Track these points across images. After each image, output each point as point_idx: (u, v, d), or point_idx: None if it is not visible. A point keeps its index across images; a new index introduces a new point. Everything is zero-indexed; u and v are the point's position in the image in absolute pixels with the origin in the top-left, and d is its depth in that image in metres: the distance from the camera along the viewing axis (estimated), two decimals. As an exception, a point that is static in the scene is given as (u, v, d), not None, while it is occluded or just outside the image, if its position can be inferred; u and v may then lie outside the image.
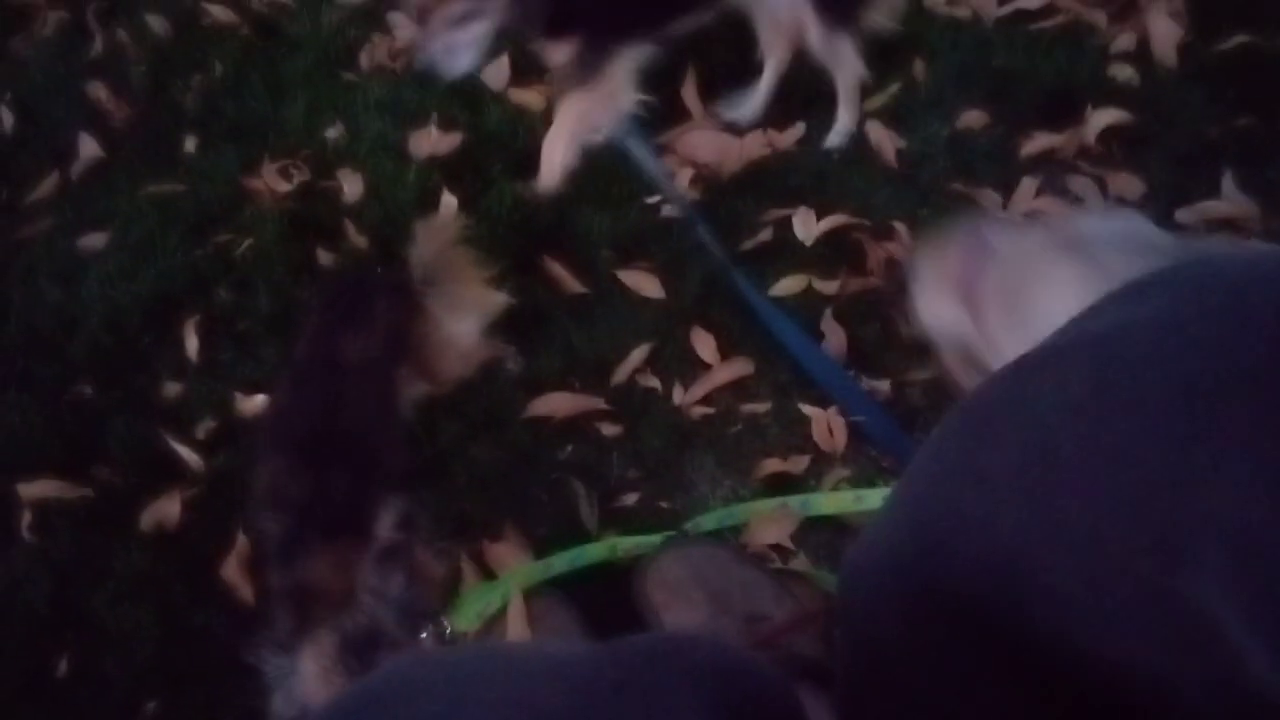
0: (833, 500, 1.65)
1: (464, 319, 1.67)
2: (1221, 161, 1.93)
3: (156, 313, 2.01)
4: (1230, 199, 1.90)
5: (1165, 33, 2.10)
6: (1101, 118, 1.99)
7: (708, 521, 1.66)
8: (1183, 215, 1.88)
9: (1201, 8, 2.14)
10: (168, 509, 1.75)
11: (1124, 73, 2.07)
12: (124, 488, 1.80)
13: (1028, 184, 1.97)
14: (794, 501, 1.65)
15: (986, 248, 1.46)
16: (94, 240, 2.16)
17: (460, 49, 1.73)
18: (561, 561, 1.60)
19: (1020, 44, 2.13)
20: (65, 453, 1.86)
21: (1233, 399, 0.45)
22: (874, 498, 1.62)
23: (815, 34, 1.95)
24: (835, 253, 1.97)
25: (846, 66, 2.02)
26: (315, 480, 1.33)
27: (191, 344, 1.95)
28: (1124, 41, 2.12)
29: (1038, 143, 2.00)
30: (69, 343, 2.01)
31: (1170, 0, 2.14)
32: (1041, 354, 0.55)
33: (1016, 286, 1.41)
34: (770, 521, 1.64)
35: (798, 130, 2.13)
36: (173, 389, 1.92)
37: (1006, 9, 2.19)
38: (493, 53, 2.33)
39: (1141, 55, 2.10)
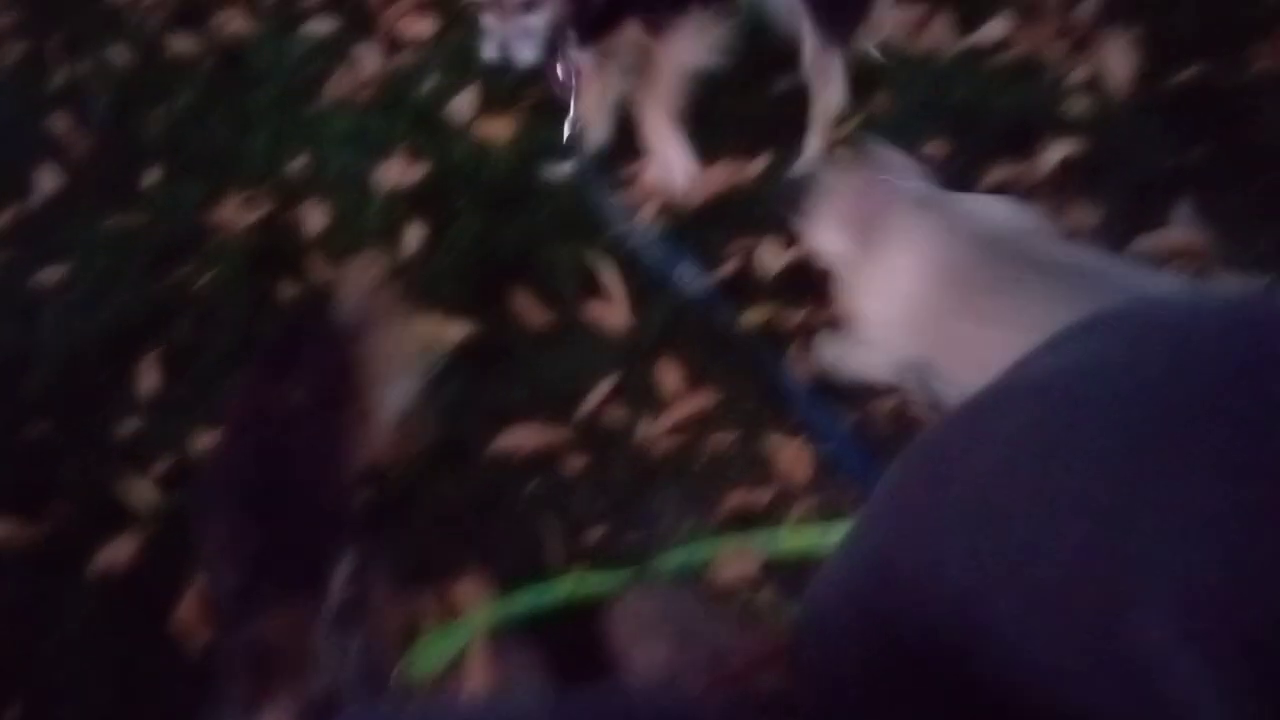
0: (799, 536, 1.64)
1: (400, 370, 1.64)
2: (1177, 191, 1.96)
3: (114, 348, 1.98)
4: (1186, 229, 1.93)
5: (1120, 65, 2.14)
6: (1058, 149, 2.02)
7: (673, 558, 1.65)
8: (1139, 244, 1.90)
9: (1156, 40, 2.18)
10: (121, 551, 1.71)
11: (1080, 104, 2.11)
12: (77, 529, 1.76)
13: (988, 214, 1.99)
14: (760, 538, 1.64)
15: (880, 187, 1.54)
16: (51, 274, 2.13)
17: (525, 37, 1.72)
18: (525, 601, 1.58)
19: (978, 77, 2.16)
20: (17, 493, 1.82)
21: (1174, 442, 0.45)
22: (840, 533, 1.61)
23: (809, 51, 1.97)
24: (800, 284, 1.97)
25: (831, 89, 2.04)
26: (263, 535, 1.30)
27: (149, 380, 1.93)
28: (1080, 74, 2.15)
29: (997, 173, 2.02)
30: (23, 380, 1.98)
31: (1125, 33, 2.18)
32: (989, 397, 0.55)
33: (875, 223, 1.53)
34: (736, 557, 1.63)
35: (762, 161, 2.14)
36: (129, 426, 1.89)
37: (964, 43, 2.22)
38: (460, 84, 2.35)
39: (1097, 87, 2.14)
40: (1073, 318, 1.30)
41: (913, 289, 1.47)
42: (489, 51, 1.74)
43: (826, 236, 1.66)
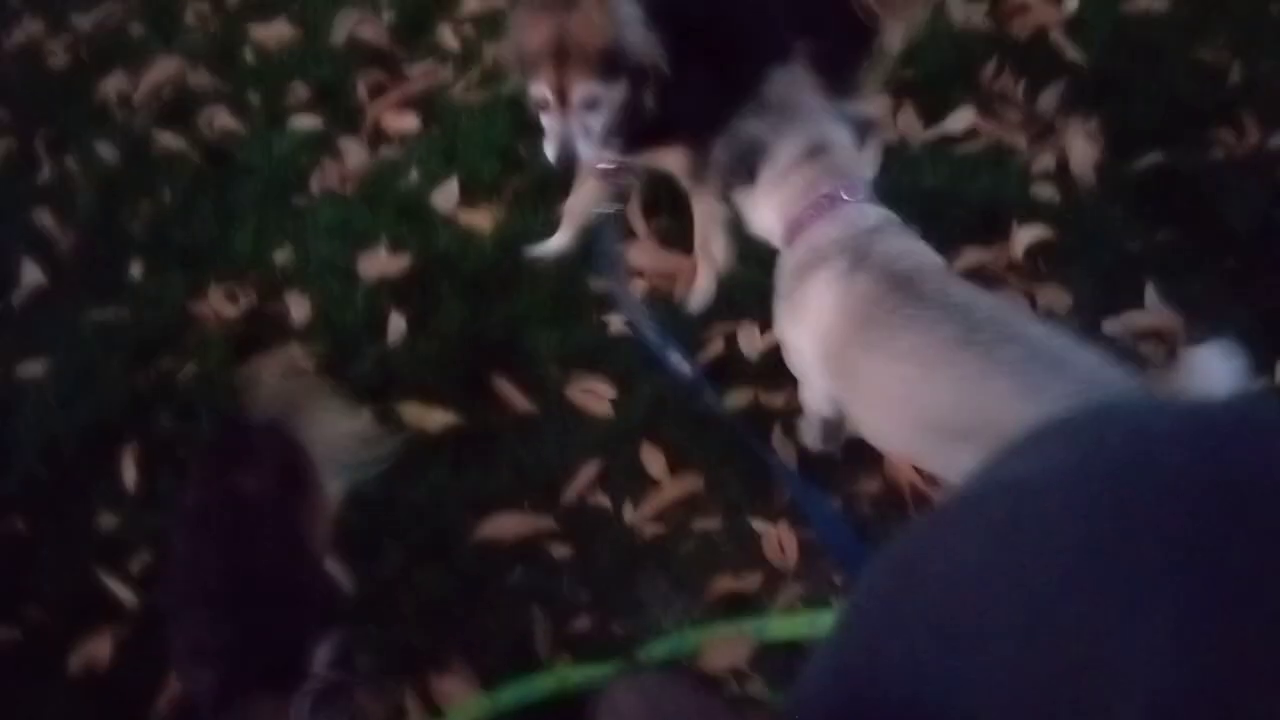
0: (787, 624, 1.63)
1: (341, 456, 1.63)
2: (1143, 274, 2.01)
3: (94, 442, 1.97)
4: (1154, 310, 1.98)
5: (1083, 153, 2.21)
6: (1026, 234, 2.08)
7: (660, 649, 1.63)
8: (1109, 326, 1.94)
9: (1115, 129, 2.26)
10: (99, 649, 1.68)
11: (1046, 191, 2.18)
12: (54, 627, 1.73)
13: (962, 297, 2.04)
14: (748, 626, 1.63)
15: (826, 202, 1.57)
16: (32, 368, 2.13)
17: (585, 135, 1.77)
18: (510, 695, 1.56)
19: (947, 165, 2.23)
20: (-5, 591, 1.79)
21: (1138, 554, 0.46)
22: (828, 620, 1.60)
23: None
24: (781, 367, 1.99)
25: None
26: (235, 628, 1.28)
27: (129, 474, 1.91)
28: (1044, 162, 2.22)
29: (968, 258, 2.07)
30: (3, 475, 1.96)
31: (1086, 122, 2.27)
32: (958, 504, 0.56)
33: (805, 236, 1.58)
34: (725, 646, 1.62)
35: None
36: (108, 521, 1.87)
37: (932, 133, 2.30)
38: (443, 176, 2.40)
39: (1062, 175, 2.21)
40: (951, 353, 1.36)
41: (824, 321, 1.53)
42: (550, 150, 1.76)
43: (762, 214, 1.70)
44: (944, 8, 2.46)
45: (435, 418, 1.96)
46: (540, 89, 1.72)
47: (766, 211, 1.68)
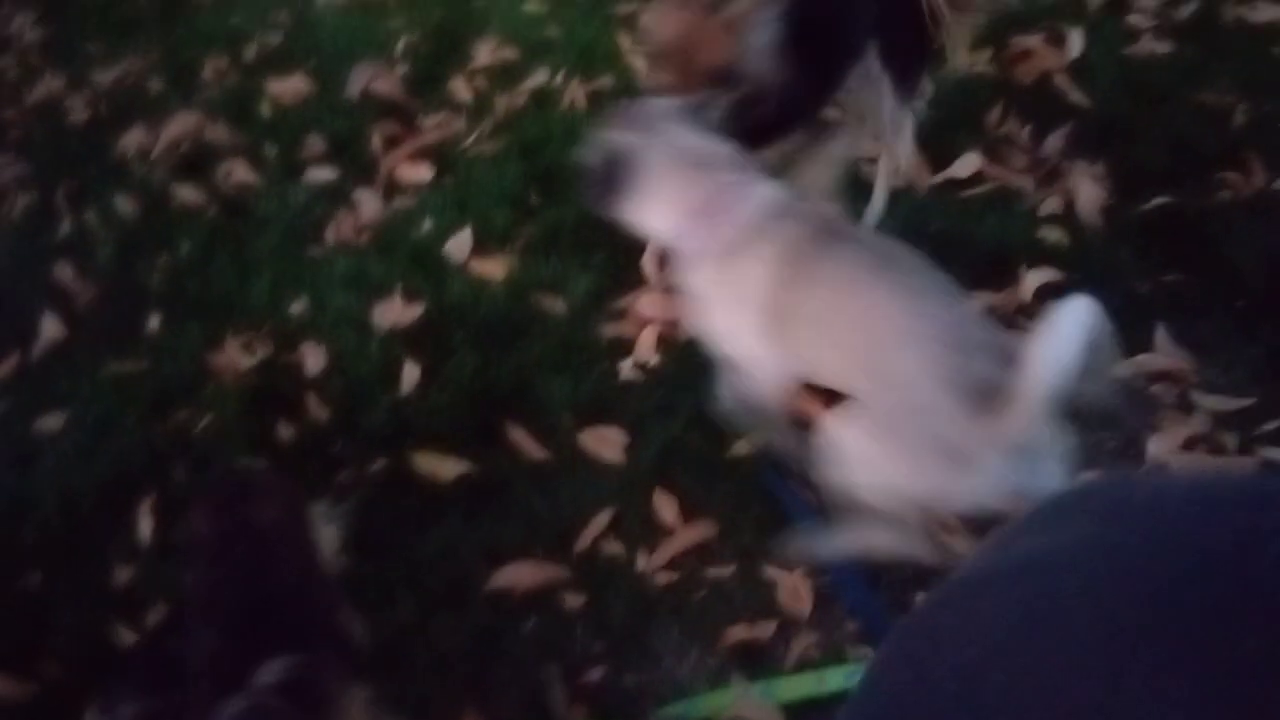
0: (796, 684, 1.61)
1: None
2: (1153, 316, 2.01)
3: (111, 495, 1.99)
4: (1166, 352, 1.97)
5: (1089, 196, 2.23)
6: (1035, 277, 2.08)
7: (674, 710, 1.62)
8: (1121, 369, 1.94)
9: (1121, 172, 2.28)
10: (114, 704, 1.67)
11: (1053, 234, 2.19)
12: (70, 682, 1.73)
13: (972, 341, 2.04)
14: (756, 688, 1.62)
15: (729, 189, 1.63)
16: (51, 422, 2.15)
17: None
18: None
19: (954, 209, 2.24)
20: (11, 647, 1.80)
21: (1157, 635, 0.46)
22: (837, 677, 1.59)
23: (887, 110, 2.05)
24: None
25: (903, 141, 2.13)
26: (257, 649, 1.29)
27: (145, 526, 1.93)
28: (1051, 205, 2.24)
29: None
30: (20, 529, 1.98)
31: (1091, 165, 2.29)
32: (970, 581, 0.56)
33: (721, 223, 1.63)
34: (740, 708, 1.60)
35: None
36: (124, 574, 1.88)
37: (939, 177, 2.32)
38: (456, 226, 2.43)
39: (1069, 217, 2.22)
40: (875, 276, 1.48)
41: (760, 284, 1.59)
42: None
43: (655, 218, 1.71)
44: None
45: (448, 467, 1.97)
46: (659, 80, 1.79)
47: (659, 214, 1.70)
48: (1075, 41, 2.59)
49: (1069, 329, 1.29)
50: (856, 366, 1.55)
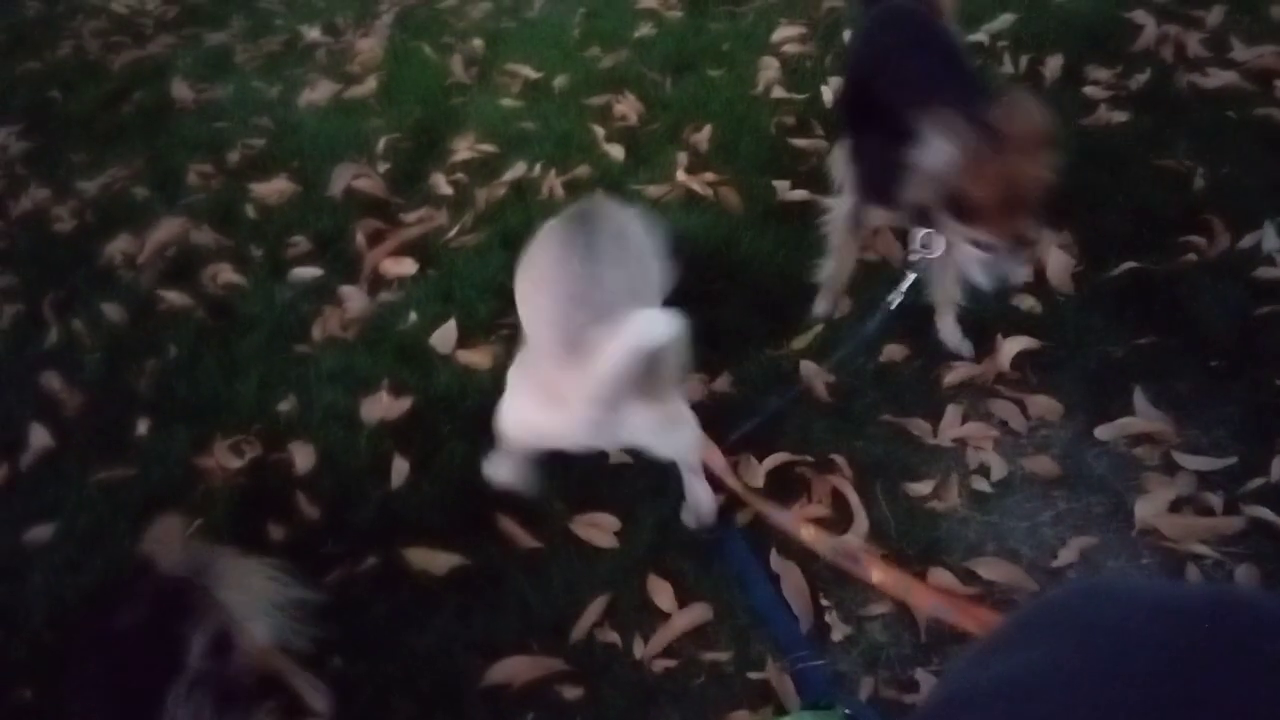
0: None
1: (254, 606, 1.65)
2: (1130, 379, 2.05)
3: (102, 605, 1.96)
4: (1145, 415, 2.01)
5: (1059, 263, 2.28)
6: (1012, 345, 2.13)
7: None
8: (1102, 432, 1.97)
9: (1088, 239, 2.34)
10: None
11: (1027, 302, 2.23)
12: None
13: (952, 411, 2.08)
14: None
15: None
16: (40, 533, 2.14)
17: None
18: None
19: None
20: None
21: None
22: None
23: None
24: (782, 489, 2.02)
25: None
26: None
27: (135, 637, 1.90)
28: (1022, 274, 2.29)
29: (958, 372, 2.12)
30: (10, 643, 1.95)
31: (1059, 233, 2.35)
32: (940, 707, 0.57)
33: None
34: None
35: (725, 378, 2.23)
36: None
37: (911, 251, 2.36)
38: (440, 318, 2.46)
39: (1041, 285, 2.27)
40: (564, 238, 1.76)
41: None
42: (988, 280, 1.86)
43: None
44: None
45: (440, 561, 1.96)
46: (987, 235, 1.79)
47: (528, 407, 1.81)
48: (1035, 114, 2.67)
49: (644, 326, 1.50)
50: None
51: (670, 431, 1.80)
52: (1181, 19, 3.05)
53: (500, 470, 2.01)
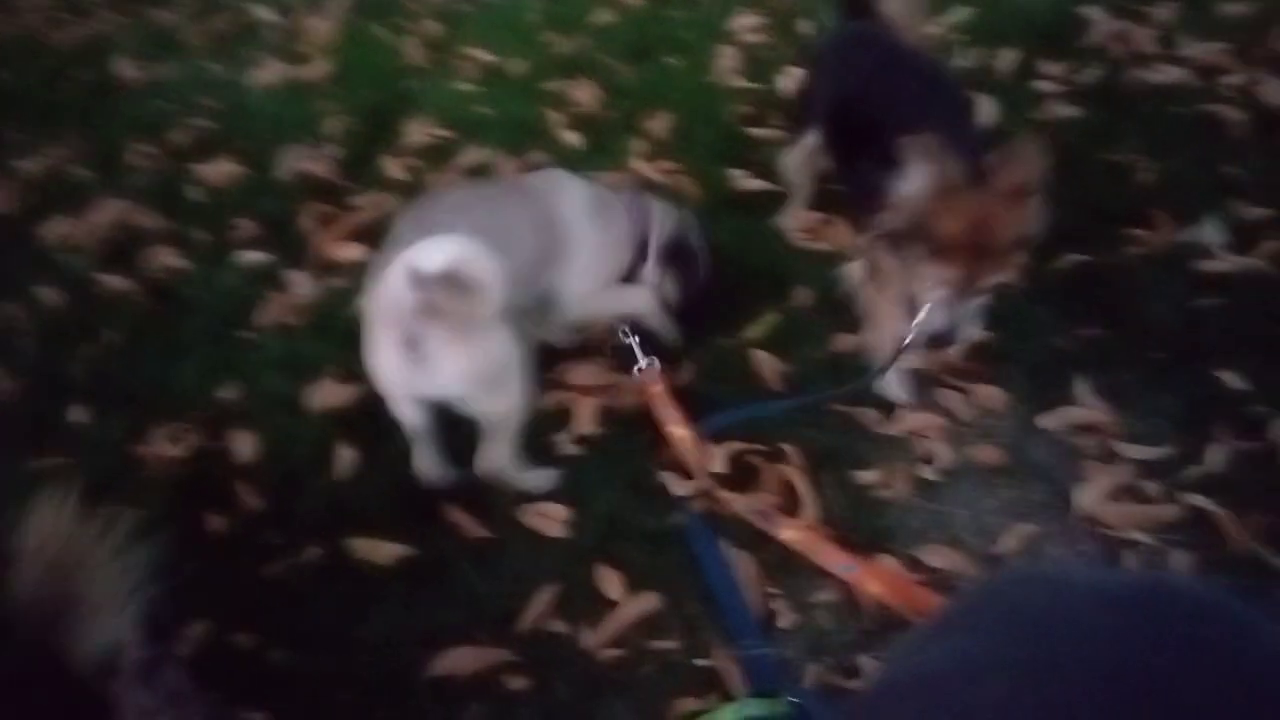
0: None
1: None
2: (1073, 369, 2.08)
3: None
4: (1088, 404, 2.04)
5: (1007, 255, 2.30)
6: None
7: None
8: (1044, 421, 1.99)
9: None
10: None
11: (975, 293, 2.25)
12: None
13: (902, 401, 2.09)
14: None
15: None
16: (-32, 524, 2.07)
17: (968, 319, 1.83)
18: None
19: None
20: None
21: None
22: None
23: None
24: (734, 477, 2.02)
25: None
26: None
27: (69, 630, 1.84)
28: (971, 266, 2.30)
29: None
30: (-66, 637, 1.88)
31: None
32: (880, 693, 0.58)
33: None
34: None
35: (689, 368, 2.22)
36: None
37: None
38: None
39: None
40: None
41: None
42: (933, 327, 1.79)
43: None
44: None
45: (386, 551, 1.93)
46: (944, 274, 1.73)
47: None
48: (986, 107, 2.70)
49: (416, 253, 1.60)
50: None
51: (488, 386, 1.79)
52: (1132, 15, 3.09)
53: (419, 461, 2.02)
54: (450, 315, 1.64)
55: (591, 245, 2.05)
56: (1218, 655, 0.49)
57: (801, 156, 2.36)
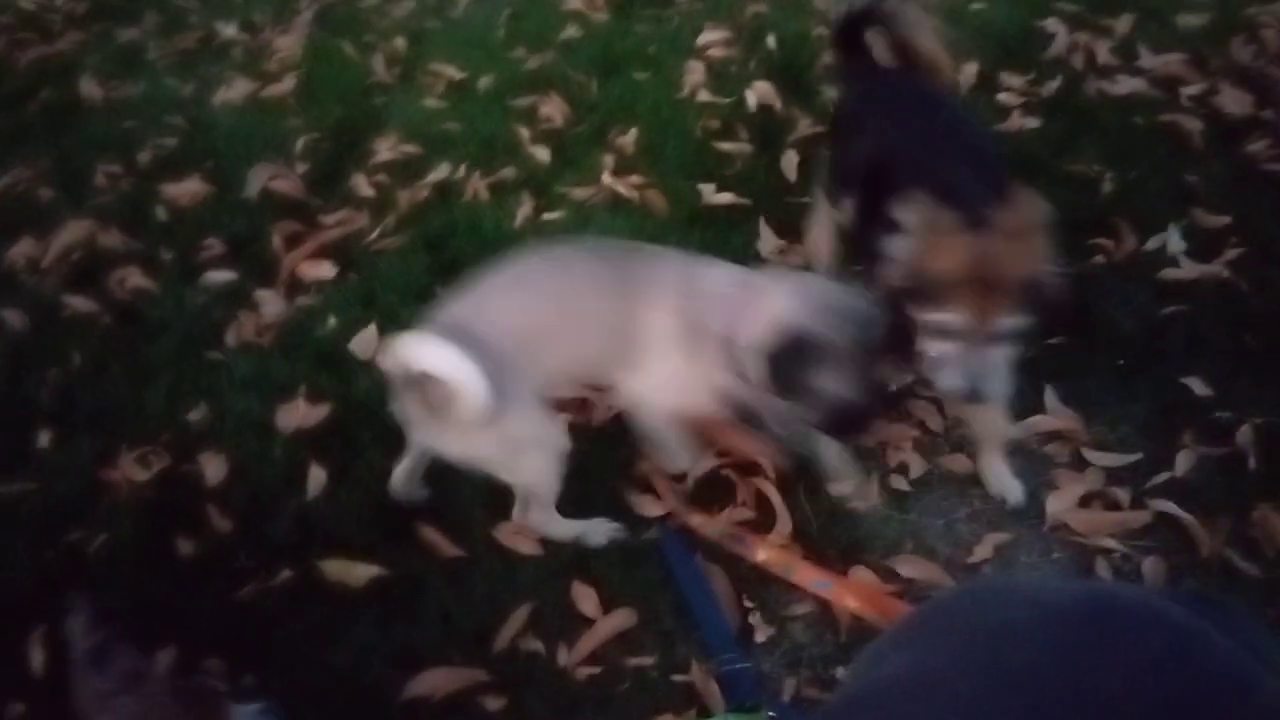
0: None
1: None
2: (1042, 378, 2.10)
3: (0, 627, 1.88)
4: (1056, 413, 2.06)
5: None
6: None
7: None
8: (1014, 430, 2.01)
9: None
10: None
11: (944, 304, 2.27)
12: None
13: (874, 412, 2.10)
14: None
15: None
16: (-68, 553, 2.03)
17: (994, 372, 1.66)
18: None
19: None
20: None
21: None
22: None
23: None
24: (708, 492, 2.02)
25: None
26: None
27: (37, 658, 1.82)
28: (939, 276, 2.33)
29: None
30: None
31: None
32: (842, 706, 0.59)
33: None
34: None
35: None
36: (16, 709, 1.76)
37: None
38: (360, 322, 2.41)
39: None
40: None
41: None
42: (952, 381, 1.64)
43: None
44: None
45: (359, 572, 1.92)
46: (951, 316, 1.59)
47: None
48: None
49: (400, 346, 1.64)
50: None
51: (498, 466, 1.82)
52: (1092, 27, 3.14)
53: (398, 474, 2.02)
54: (444, 407, 1.62)
55: (670, 370, 1.83)
56: (1160, 666, 0.50)
57: (830, 228, 2.25)
